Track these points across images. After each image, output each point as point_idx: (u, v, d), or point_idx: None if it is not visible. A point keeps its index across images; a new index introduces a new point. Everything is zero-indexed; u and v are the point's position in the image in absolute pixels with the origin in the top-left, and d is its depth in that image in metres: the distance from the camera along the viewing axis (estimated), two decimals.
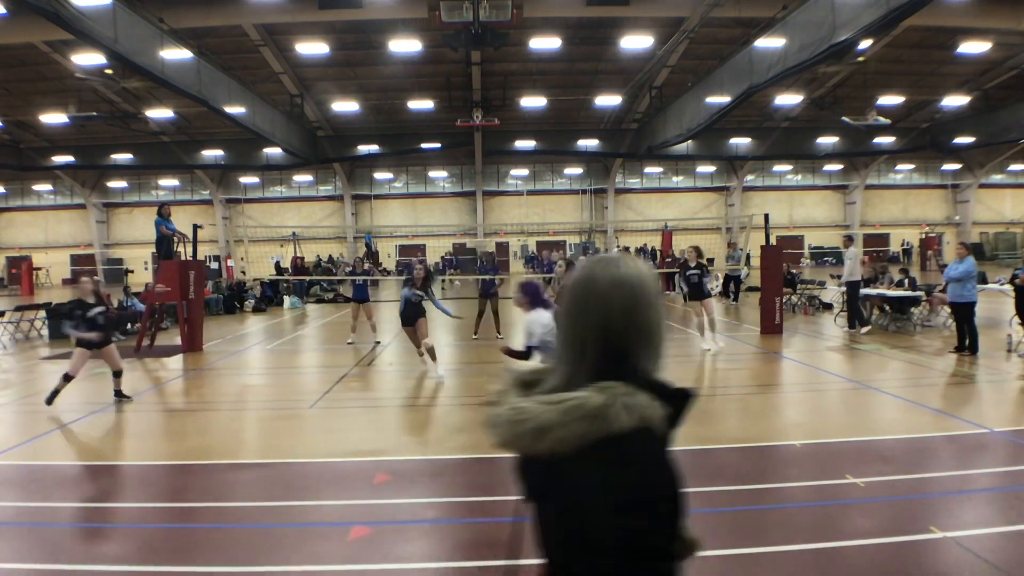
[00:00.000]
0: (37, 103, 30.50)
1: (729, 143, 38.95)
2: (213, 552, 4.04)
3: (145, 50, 19.68)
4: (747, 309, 17.37)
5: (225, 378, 9.93)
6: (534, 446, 1.16)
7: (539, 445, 1.15)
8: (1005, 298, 14.23)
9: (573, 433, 1.12)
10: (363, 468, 5.54)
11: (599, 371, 1.21)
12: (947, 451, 5.77)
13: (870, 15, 16.51)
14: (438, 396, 8.41)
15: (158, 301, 12.72)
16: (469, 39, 21.31)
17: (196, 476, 5.53)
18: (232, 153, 38.02)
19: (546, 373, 1.35)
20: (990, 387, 8.18)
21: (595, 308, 1.24)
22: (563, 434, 1.12)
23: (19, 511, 4.82)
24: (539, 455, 1.16)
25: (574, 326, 1.27)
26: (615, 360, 1.22)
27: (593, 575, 1.14)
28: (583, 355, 1.24)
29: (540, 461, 1.19)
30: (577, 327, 1.26)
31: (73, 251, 43.56)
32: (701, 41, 27.00)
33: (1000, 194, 44.48)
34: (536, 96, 32.70)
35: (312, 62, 28.96)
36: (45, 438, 6.62)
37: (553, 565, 1.25)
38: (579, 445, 1.12)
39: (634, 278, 1.26)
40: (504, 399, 1.28)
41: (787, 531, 4.20)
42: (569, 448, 1.13)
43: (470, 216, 42.98)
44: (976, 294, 9.99)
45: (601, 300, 1.24)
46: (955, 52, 27.73)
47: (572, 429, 1.11)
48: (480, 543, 4.13)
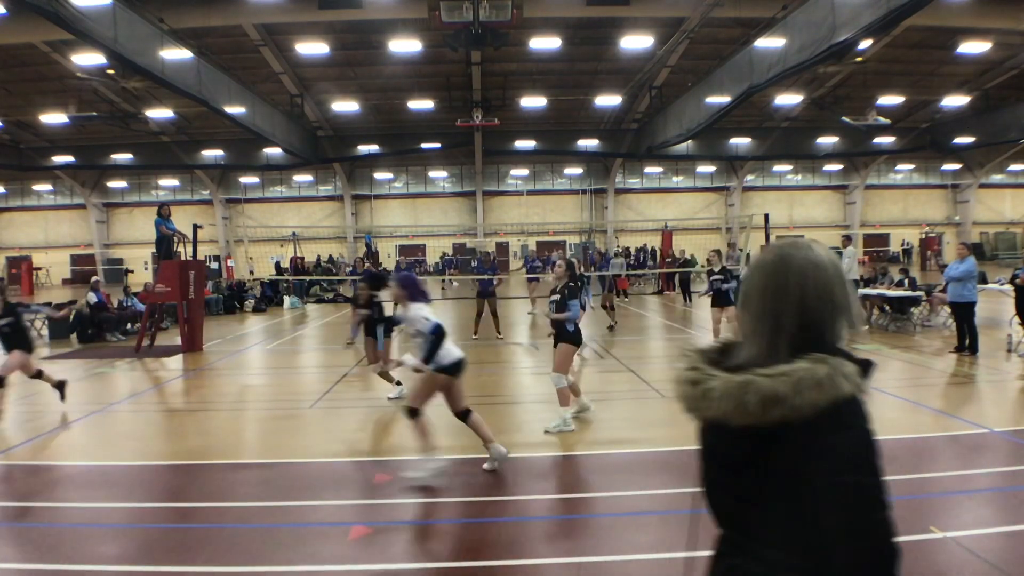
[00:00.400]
0: (37, 103, 30.49)
1: (729, 143, 38.95)
2: (213, 552, 4.04)
3: (145, 50, 19.68)
4: None
5: (225, 378, 9.93)
6: (762, 416, 1.24)
7: (769, 415, 1.23)
8: (1005, 298, 14.23)
9: (806, 402, 1.21)
10: (363, 468, 5.54)
11: (797, 344, 1.31)
12: (947, 451, 5.77)
13: (870, 15, 16.52)
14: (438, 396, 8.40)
15: (158, 301, 12.72)
16: (469, 39, 21.31)
17: (196, 476, 5.54)
18: (232, 153, 38.02)
19: (728, 347, 1.47)
20: (990, 387, 8.18)
21: (793, 287, 1.35)
22: (797, 403, 1.21)
23: (19, 511, 4.82)
24: (759, 425, 1.25)
25: (770, 303, 1.37)
26: (812, 334, 1.33)
27: (826, 532, 1.22)
28: (779, 330, 1.35)
29: (749, 432, 1.27)
30: (773, 304, 1.36)
31: (73, 251, 43.57)
32: (701, 41, 27.01)
33: (1000, 194, 44.49)
34: (536, 96, 32.70)
35: (312, 62, 28.96)
36: (45, 438, 6.62)
37: (749, 533, 1.35)
38: (809, 413, 1.21)
39: (826, 259, 1.38)
40: (702, 373, 1.38)
41: None
42: (799, 416, 1.22)
43: (470, 216, 42.98)
44: (976, 294, 9.99)
45: (799, 279, 1.35)
46: (955, 52, 27.73)
47: (805, 398, 1.21)
48: (480, 543, 4.13)
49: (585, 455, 5.81)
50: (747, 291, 1.43)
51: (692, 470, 5.15)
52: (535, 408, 7.57)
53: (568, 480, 5.35)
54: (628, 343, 12.37)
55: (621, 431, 6.43)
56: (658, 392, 8.05)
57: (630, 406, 7.51)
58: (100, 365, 10.85)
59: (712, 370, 1.37)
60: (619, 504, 4.75)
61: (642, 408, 7.43)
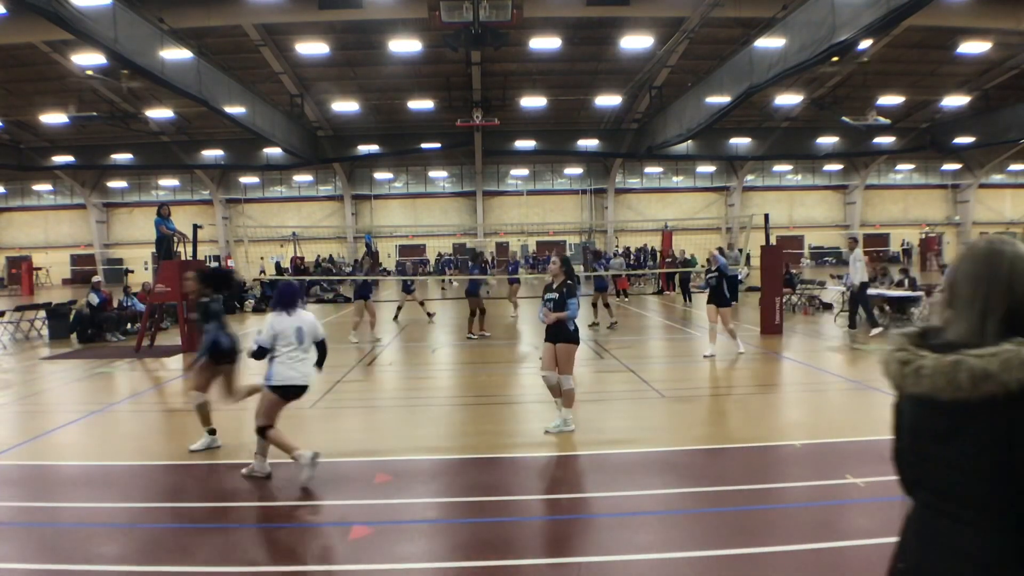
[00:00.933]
0: (37, 103, 30.49)
1: (729, 143, 38.95)
2: (213, 552, 4.04)
3: (145, 50, 19.68)
4: (747, 309, 17.37)
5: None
6: (972, 391, 1.39)
7: (978, 390, 1.39)
8: None
9: (1013, 378, 1.36)
10: (363, 468, 5.54)
11: (1003, 328, 1.46)
12: None
13: (870, 15, 16.51)
14: (438, 396, 8.41)
15: (158, 301, 12.71)
16: (469, 39, 21.31)
17: (196, 476, 5.53)
18: (232, 153, 38.02)
19: (928, 331, 1.61)
20: None
21: (1003, 276, 1.50)
22: (1005, 379, 1.36)
23: (19, 511, 4.82)
24: (966, 399, 1.40)
25: (981, 289, 1.51)
26: (1017, 319, 1.47)
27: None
28: (987, 314, 1.49)
29: (956, 405, 1.42)
30: (984, 290, 1.51)
31: (73, 251, 43.58)
32: (701, 41, 27.01)
33: (1000, 194, 44.50)
34: (536, 96, 32.69)
35: (312, 62, 28.96)
36: (45, 438, 6.62)
37: (951, 496, 1.49)
38: (1015, 388, 1.36)
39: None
40: (911, 354, 1.53)
41: (787, 531, 4.20)
42: (1006, 391, 1.37)
43: (470, 216, 42.98)
44: None
45: (1009, 269, 1.50)
46: (955, 52, 27.74)
47: (1013, 375, 1.36)
48: (480, 543, 4.13)
49: (585, 455, 5.81)
50: (956, 278, 1.58)
51: (692, 470, 5.14)
52: (535, 408, 7.57)
53: (568, 480, 5.35)
54: (628, 343, 12.37)
55: (621, 431, 6.43)
56: (658, 392, 8.05)
57: (630, 406, 7.51)
58: (100, 365, 10.85)
59: (920, 351, 1.53)
60: (619, 504, 4.75)
61: (642, 408, 7.42)
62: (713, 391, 8.02)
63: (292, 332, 5.26)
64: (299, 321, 5.34)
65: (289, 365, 5.21)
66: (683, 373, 8.34)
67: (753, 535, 4.11)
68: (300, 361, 5.29)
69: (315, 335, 5.43)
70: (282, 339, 5.25)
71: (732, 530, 4.20)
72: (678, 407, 7.41)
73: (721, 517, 4.42)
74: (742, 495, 4.79)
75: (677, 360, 10.90)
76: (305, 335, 5.32)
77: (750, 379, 9.04)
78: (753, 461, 5.56)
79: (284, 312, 5.36)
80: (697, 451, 5.83)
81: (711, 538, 4.10)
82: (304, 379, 5.30)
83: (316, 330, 5.44)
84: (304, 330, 5.33)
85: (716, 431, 6.58)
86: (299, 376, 5.25)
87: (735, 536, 4.10)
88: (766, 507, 4.60)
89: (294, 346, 5.26)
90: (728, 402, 7.68)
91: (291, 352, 5.24)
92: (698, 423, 6.87)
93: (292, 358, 5.24)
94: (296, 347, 5.26)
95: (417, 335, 14.24)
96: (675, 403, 7.57)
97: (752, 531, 4.18)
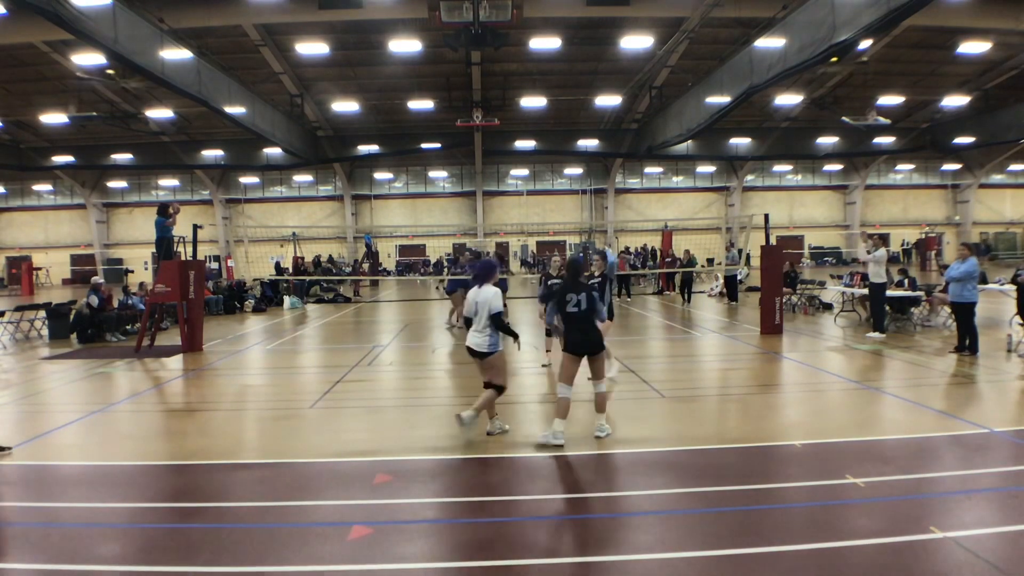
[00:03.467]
0: (37, 103, 30.52)
1: (729, 143, 38.96)
2: (213, 552, 4.04)
3: (145, 50, 19.69)
4: (747, 309, 17.37)
5: (225, 378, 9.93)
6: None
7: None
8: (1005, 298, 14.24)
9: None
10: (363, 468, 5.54)
11: None
12: (947, 451, 5.77)
13: (870, 15, 16.53)
14: (438, 396, 8.41)
15: (158, 301, 12.71)
16: (469, 39, 21.32)
17: (196, 476, 5.53)
18: (232, 153, 38.03)
19: None
20: (990, 387, 8.18)
21: None
22: None
23: (19, 511, 4.82)
24: None
25: None
26: None
27: None
28: None
29: None
30: None
31: (73, 251, 43.60)
32: (701, 41, 27.02)
33: (1000, 194, 44.51)
34: (536, 96, 32.70)
35: (312, 62, 28.98)
36: (45, 438, 6.62)
37: None
38: None
39: None
40: None
41: (787, 531, 4.20)
42: None
43: (470, 216, 42.99)
44: (977, 295, 9.98)
45: None
46: (955, 52, 27.76)
47: None
48: (480, 543, 4.13)
49: (585, 455, 5.80)
50: None
51: (692, 470, 5.16)
52: (535, 408, 7.57)
53: (568, 480, 5.35)
54: (628, 343, 12.36)
55: (621, 431, 6.43)
56: (658, 392, 8.05)
57: (630, 406, 7.51)
58: (100, 365, 10.85)
59: None
60: (619, 504, 4.75)
61: (642, 408, 7.42)
62: (713, 391, 8.02)
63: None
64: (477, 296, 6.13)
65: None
66: (683, 373, 8.34)
67: (753, 535, 4.11)
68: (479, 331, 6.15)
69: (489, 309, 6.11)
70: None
71: (732, 530, 4.20)
72: (678, 407, 7.41)
73: (721, 517, 4.42)
74: (742, 495, 4.79)
75: (677, 360, 10.89)
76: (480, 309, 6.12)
77: (750, 379, 9.04)
78: (753, 461, 5.56)
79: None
80: (697, 451, 5.83)
81: (711, 538, 4.10)
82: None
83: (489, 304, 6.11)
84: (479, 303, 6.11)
85: (716, 431, 6.58)
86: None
87: (735, 536, 4.10)
88: (766, 507, 4.59)
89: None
90: (728, 402, 7.68)
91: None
92: (698, 423, 6.87)
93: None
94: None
95: (417, 335, 14.24)
96: (675, 403, 7.57)
97: (752, 531, 4.18)
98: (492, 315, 6.03)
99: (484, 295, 6.09)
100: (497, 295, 6.15)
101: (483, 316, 6.05)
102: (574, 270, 6.27)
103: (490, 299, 6.06)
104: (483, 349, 6.10)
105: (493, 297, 6.08)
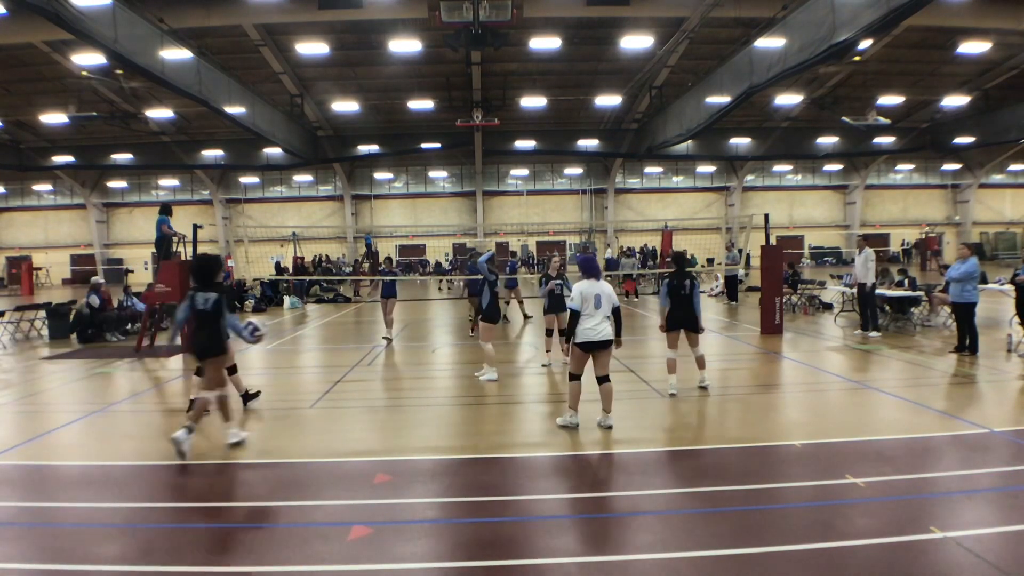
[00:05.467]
0: (37, 103, 30.51)
1: (729, 143, 38.96)
2: (213, 552, 4.04)
3: (145, 50, 19.68)
4: (747, 309, 17.37)
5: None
6: None
7: None
8: (1005, 298, 14.24)
9: None
10: (363, 468, 5.54)
11: None
12: (947, 451, 5.77)
13: (870, 15, 16.52)
14: (438, 396, 8.41)
15: (158, 301, 12.71)
16: (469, 39, 21.31)
17: (196, 476, 5.53)
18: (232, 153, 38.03)
19: None
20: (990, 387, 8.18)
21: None
22: None
23: (19, 511, 4.82)
24: None
25: None
26: None
27: None
28: None
29: None
30: None
31: (73, 251, 43.60)
32: (701, 41, 27.02)
33: (1000, 194, 44.51)
34: (536, 96, 32.70)
35: (312, 62, 28.97)
36: (45, 438, 6.62)
37: None
38: None
39: None
40: None
41: (787, 531, 4.20)
42: None
43: (470, 216, 42.99)
44: (977, 295, 9.97)
45: None
46: (955, 52, 27.76)
47: None
48: (480, 543, 4.13)
49: (585, 455, 5.81)
50: None
51: (692, 470, 5.15)
52: (535, 408, 7.57)
53: (568, 480, 5.35)
54: (628, 343, 12.36)
55: (621, 431, 6.44)
56: (658, 392, 8.05)
57: (630, 406, 7.51)
58: (100, 365, 10.86)
59: None
60: (619, 504, 4.75)
61: (642, 408, 7.43)
62: (713, 391, 8.02)
63: (592, 298, 6.35)
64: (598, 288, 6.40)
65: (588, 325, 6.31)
66: (683, 373, 8.34)
67: (753, 535, 4.11)
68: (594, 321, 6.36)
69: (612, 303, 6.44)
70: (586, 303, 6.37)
71: (732, 530, 4.20)
72: (678, 407, 7.41)
73: (721, 517, 4.43)
74: (742, 495, 4.79)
75: (677, 360, 10.87)
76: (603, 301, 6.37)
77: (750, 379, 9.04)
78: (753, 461, 5.56)
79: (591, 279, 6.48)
80: (697, 451, 5.83)
81: (711, 538, 4.10)
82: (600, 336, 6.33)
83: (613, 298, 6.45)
84: (602, 297, 6.37)
85: (716, 431, 6.58)
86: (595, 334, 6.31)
87: (735, 536, 4.10)
88: (766, 507, 4.60)
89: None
90: (728, 402, 7.68)
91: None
92: (698, 423, 6.87)
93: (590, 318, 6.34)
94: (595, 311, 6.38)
95: (417, 335, 14.24)
96: (675, 403, 7.57)
97: (752, 531, 4.18)
98: (615, 307, 6.43)
99: (606, 288, 6.44)
100: (613, 289, 6.58)
101: (607, 308, 6.38)
102: (680, 263, 7.99)
103: (612, 291, 6.45)
104: (610, 337, 6.39)
105: (612, 290, 6.52)
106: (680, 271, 7.93)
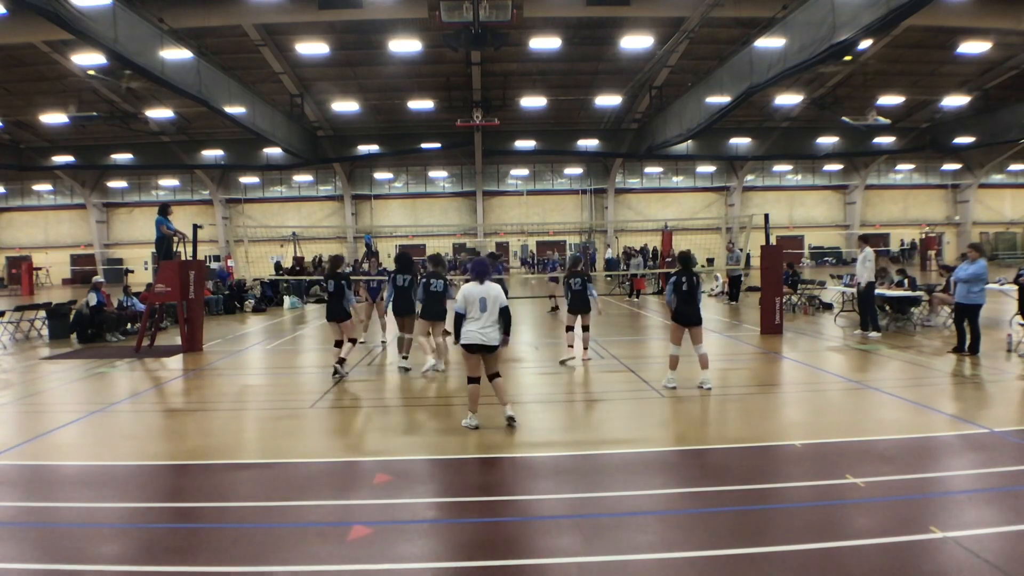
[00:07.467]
0: (37, 103, 30.52)
1: (729, 143, 38.97)
2: (213, 552, 4.04)
3: (145, 50, 19.68)
4: (747, 309, 17.36)
5: (225, 378, 9.92)
6: None
7: None
8: (1005, 298, 14.23)
9: None
10: (363, 468, 5.54)
11: None
12: (947, 451, 5.77)
13: (870, 15, 16.52)
14: (438, 396, 8.41)
15: (158, 301, 12.70)
16: (469, 39, 21.32)
17: (196, 476, 5.53)
18: (232, 153, 38.04)
19: None
20: (990, 387, 8.18)
21: None
22: None
23: (19, 511, 4.82)
24: None
25: None
26: None
27: None
28: None
29: None
30: None
31: (73, 251, 43.61)
32: (701, 41, 27.02)
33: (1000, 194, 44.53)
34: (536, 96, 32.71)
35: (312, 62, 28.98)
36: (45, 438, 6.62)
37: None
38: None
39: None
40: None
41: (787, 531, 4.20)
42: None
43: (470, 216, 42.99)
44: (984, 297, 9.91)
45: None
46: (955, 52, 27.77)
47: None
48: (480, 543, 4.13)
49: (585, 455, 5.81)
50: None
51: (692, 470, 5.16)
52: (535, 408, 7.57)
53: (568, 480, 5.35)
54: (628, 343, 12.37)
55: (621, 431, 6.43)
56: (658, 392, 8.05)
57: (630, 406, 7.51)
58: (100, 365, 10.85)
59: None
60: (619, 504, 4.75)
61: (642, 408, 7.42)
62: (713, 391, 8.01)
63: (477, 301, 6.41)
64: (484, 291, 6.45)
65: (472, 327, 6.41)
66: (683, 373, 8.35)
67: (753, 535, 4.11)
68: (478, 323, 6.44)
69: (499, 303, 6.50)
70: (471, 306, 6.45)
71: (732, 530, 4.20)
72: (678, 407, 7.41)
73: (721, 517, 4.42)
74: (742, 495, 4.79)
75: (680, 358, 10.87)
76: (488, 304, 6.41)
77: (750, 379, 9.04)
78: (753, 461, 5.56)
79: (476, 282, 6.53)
80: (697, 451, 5.83)
81: (711, 538, 4.10)
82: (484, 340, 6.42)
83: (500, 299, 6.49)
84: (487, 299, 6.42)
85: (716, 431, 6.58)
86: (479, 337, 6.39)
87: (735, 536, 4.10)
88: (766, 507, 4.60)
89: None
90: (728, 402, 7.68)
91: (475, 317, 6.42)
92: (698, 423, 6.87)
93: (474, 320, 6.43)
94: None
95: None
96: (675, 403, 7.57)
97: (752, 531, 4.18)
98: (503, 308, 6.47)
99: (493, 290, 6.47)
100: (501, 290, 6.60)
101: (494, 310, 6.42)
102: (686, 262, 8.24)
103: (500, 294, 6.48)
104: (495, 343, 6.47)
105: (501, 292, 6.53)
106: (686, 269, 8.22)
